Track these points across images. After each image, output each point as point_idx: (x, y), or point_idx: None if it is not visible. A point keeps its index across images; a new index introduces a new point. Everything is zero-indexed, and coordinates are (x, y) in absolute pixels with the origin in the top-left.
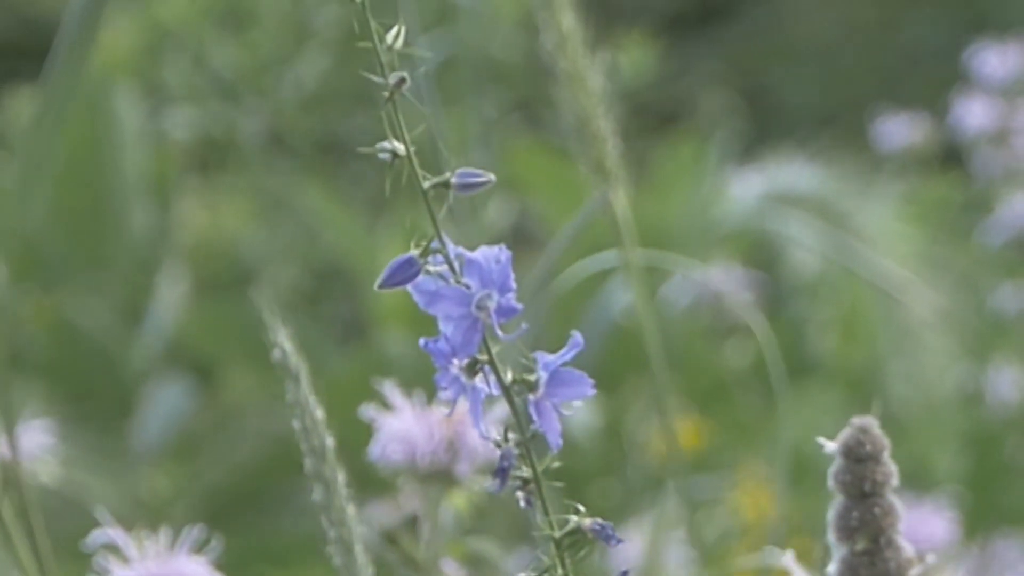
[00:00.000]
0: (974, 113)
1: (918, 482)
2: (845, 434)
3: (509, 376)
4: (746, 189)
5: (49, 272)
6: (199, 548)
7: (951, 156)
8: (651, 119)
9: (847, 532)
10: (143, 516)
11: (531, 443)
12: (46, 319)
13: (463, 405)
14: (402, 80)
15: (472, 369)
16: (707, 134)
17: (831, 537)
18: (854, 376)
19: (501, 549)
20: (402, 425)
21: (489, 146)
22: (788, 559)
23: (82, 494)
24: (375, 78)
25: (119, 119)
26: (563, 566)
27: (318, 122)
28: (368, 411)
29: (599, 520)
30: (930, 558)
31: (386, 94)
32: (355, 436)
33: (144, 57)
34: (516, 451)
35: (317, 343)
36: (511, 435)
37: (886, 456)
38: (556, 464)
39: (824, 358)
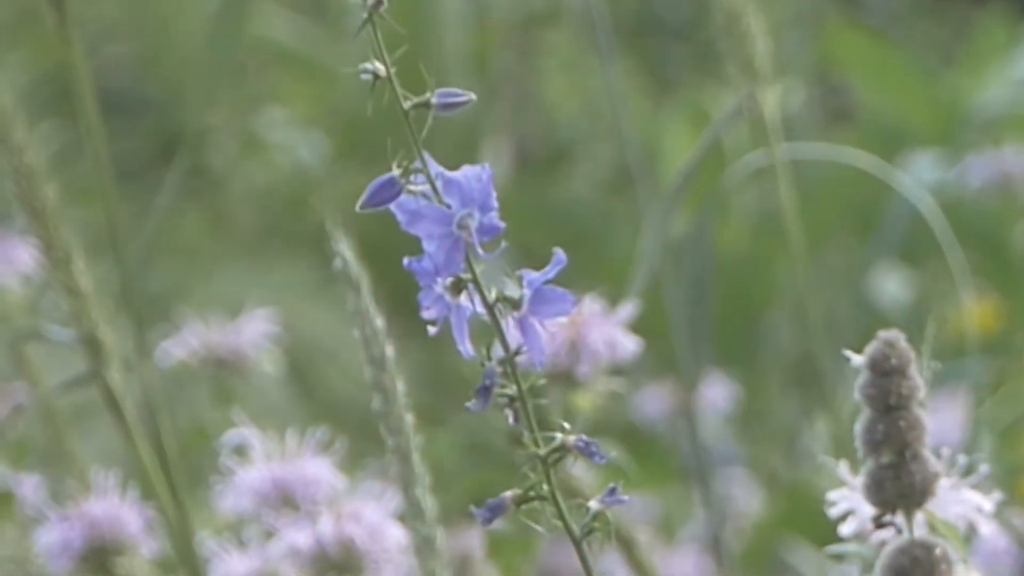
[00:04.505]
0: None
1: None
2: (871, 347)
3: (493, 294)
4: None
5: (369, 150)
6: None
7: None
8: None
9: (873, 445)
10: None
11: (514, 361)
12: None
13: (587, 307)
14: (379, 1)
15: (456, 288)
16: None
17: (858, 450)
18: None
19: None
20: None
21: (804, 27)
22: (843, 469)
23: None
24: None
25: None
26: (549, 482)
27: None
28: None
29: (583, 437)
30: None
31: (364, 15)
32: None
33: None
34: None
35: (616, 226)
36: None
37: (912, 370)
38: (541, 381)
39: None
